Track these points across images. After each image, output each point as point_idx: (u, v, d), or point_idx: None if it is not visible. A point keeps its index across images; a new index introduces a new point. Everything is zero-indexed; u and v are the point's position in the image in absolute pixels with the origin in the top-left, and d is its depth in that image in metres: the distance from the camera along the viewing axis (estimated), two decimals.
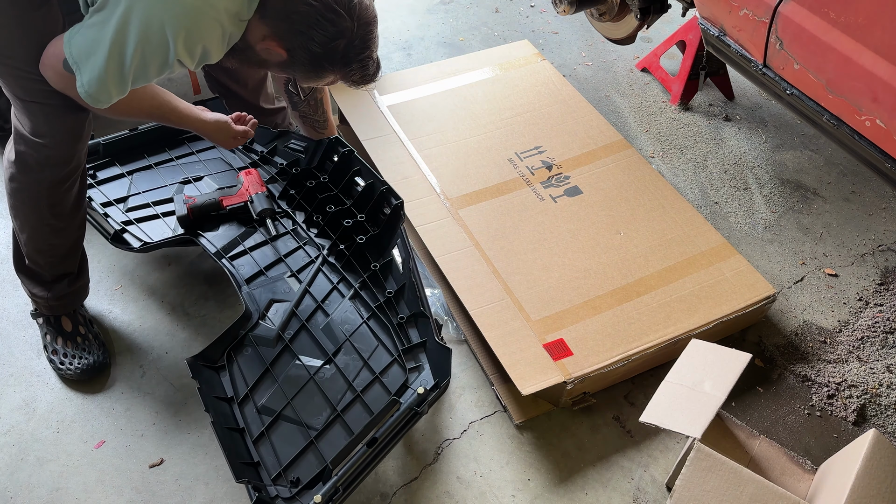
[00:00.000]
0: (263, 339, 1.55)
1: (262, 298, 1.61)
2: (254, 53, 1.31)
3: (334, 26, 1.25)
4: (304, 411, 1.44)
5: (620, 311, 1.69)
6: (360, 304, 1.62)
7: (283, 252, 1.71)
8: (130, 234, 1.73)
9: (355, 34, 1.28)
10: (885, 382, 1.71)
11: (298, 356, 1.52)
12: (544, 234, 1.85)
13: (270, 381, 1.49)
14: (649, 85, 2.56)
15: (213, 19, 1.18)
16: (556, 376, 1.55)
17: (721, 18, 1.83)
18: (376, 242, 1.69)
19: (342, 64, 1.31)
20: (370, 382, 1.49)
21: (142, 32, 1.15)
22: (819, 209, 2.14)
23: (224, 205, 1.75)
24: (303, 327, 1.57)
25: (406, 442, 1.58)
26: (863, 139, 1.55)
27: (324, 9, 1.23)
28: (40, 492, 1.48)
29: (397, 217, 1.66)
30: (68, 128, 1.39)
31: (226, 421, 1.42)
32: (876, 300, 1.89)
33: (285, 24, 1.25)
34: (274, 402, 1.46)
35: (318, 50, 1.27)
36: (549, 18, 2.88)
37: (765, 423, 1.64)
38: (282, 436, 1.42)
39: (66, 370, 1.63)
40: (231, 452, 1.34)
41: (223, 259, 1.68)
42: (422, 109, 2.19)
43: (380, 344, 1.55)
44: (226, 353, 1.53)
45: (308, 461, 1.38)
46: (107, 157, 1.90)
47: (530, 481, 1.53)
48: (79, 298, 1.69)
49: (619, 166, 2.04)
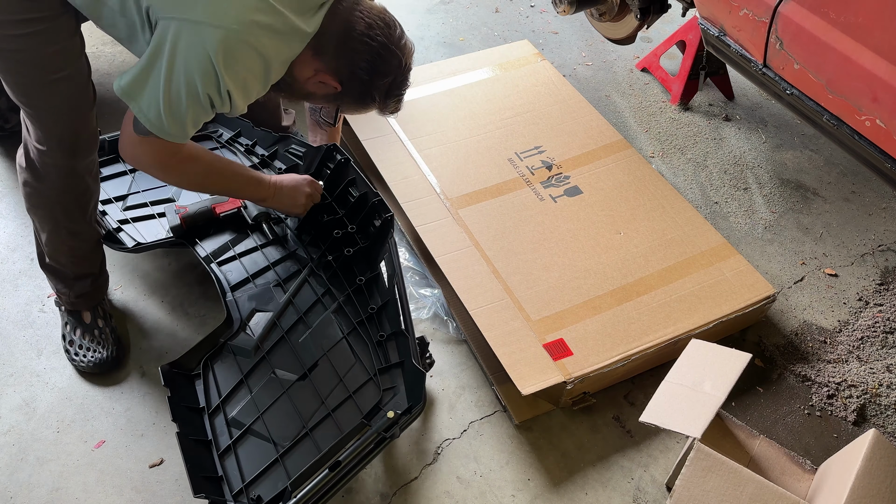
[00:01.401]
0: (242, 349, 1.52)
1: (246, 307, 1.59)
2: (300, 87, 1.38)
3: (388, 64, 1.35)
4: (275, 426, 1.41)
5: (620, 311, 1.69)
6: (342, 319, 1.57)
7: (272, 259, 1.69)
8: (126, 234, 1.73)
9: (402, 71, 1.38)
10: (885, 382, 1.71)
11: (275, 369, 1.49)
12: (544, 233, 1.85)
13: (244, 393, 1.46)
14: (649, 85, 2.56)
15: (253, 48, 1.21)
16: (556, 376, 1.55)
17: (721, 18, 1.83)
18: (365, 255, 1.65)
19: (386, 97, 1.40)
20: (343, 401, 1.44)
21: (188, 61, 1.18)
22: (819, 209, 2.15)
23: (217, 212, 1.73)
24: (282, 339, 1.54)
25: (406, 442, 1.58)
26: (863, 139, 1.55)
27: (380, 47, 1.32)
28: (40, 492, 1.48)
29: (386, 230, 1.62)
30: (63, 138, 1.39)
31: (194, 432, 1.39)
32: (876, 300, 1.89)
33: (344, 60, 1.32)
34: (245, 414, 1.43)
35: (368, 82, 1.35)
36: (549, 18, 2.88)
37: (765, 423, 1.64)
38: (249, 450, 1.39)
39: (78, 362, 1.65)
40: (194, 465, 1.31)
41: (212, 264, 1.66)
42: (422, 109, 2.19)
43: (357, 361, 1.50)
44: (203, 361, 1.51)
45: (273, 478, 1.35)
46: (111, 154, 1.90)
47: (530, 481, 1.53)
48: (99, 294, 1.71)
49: (619, 166, 2.04)
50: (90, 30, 1.51)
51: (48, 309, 1.78)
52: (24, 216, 1.98)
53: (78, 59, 1.35)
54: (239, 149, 1.92)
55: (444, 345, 1.76)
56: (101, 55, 2.50)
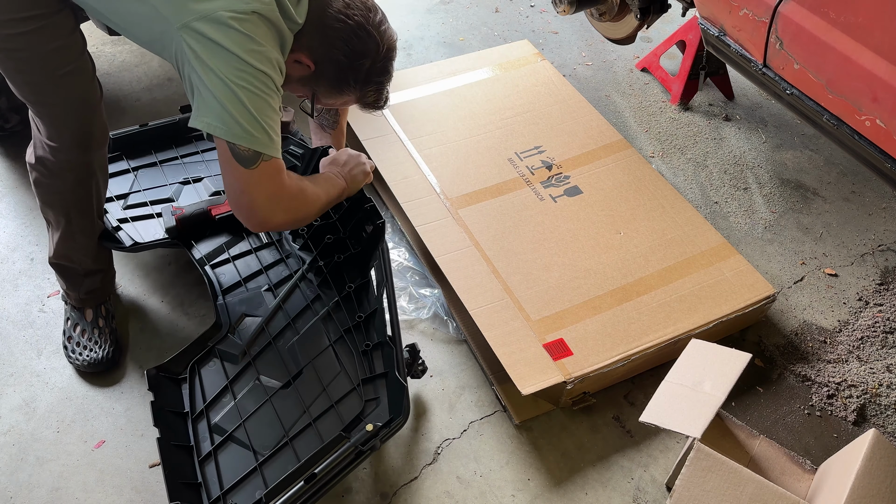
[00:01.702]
0: (229, 353, 1.52)
1: (236, 311, 1.59)
2: None
3: (364, 45, 1.31)
4: (256, 434, 1.40)
5: (620, 310, 1.69)
6: (329, 326, 1.56)
7: (265, 263, 1.69)
8: (124, 233, 1.73)
9: (380, 56, 1.34)
10: (885, 382, 1.71)
11: (260, 375, 1.49)
12: (544, 233, 1.85)
13: (229, 399, 1.46)
14: (649, 85, 2.56)
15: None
16: (556, 376, 1.55)
17: (721, 18, 1.83)
18: (356, 262, 1.64)
19: (363, 83, 1.36)
20: (326, 410, 1.43)
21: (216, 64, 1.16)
22: (819, 209, 2.14)
23: (213, 214, 1.72)
24: (270, 345, 1.53)
25: (406, 442, 1.58)
26: (863, 139, 1.55)
27: (357, 27, 1.29)
28: (40, 492, 1.48)
29: (377, 237, 1.60)
30: (75, 133, 1.41)
31: (177, 437, 1.39)
32: (876, 300, 1.89)
33: (318, 38, 1.29)
34: (227, 421, 1.42)
35: (345, 63, 1.32)
36: (549, 18, 2.88)
37: (765, 423, 1.64)
38: (229, 457, 1.38)
39: (74, 359, 1.66)
40: (174, 471, 1.31)
41: (206, 266, 1.66)
42: (422, 109, 2.19)
43: (342, 370, 1.49)
44: (190, 365, 1.50)
45: (251, 486, 1.34)
46: (116, 151, 1.91)
47: (530, 481, 1.53)
48: (106, 292, 1.72)
49: (619, 166, 2.04)
50: (90, 29, 1.51)
51: (48, 309, 1.78)
52: (25, 216, 1.98)
53: (81, 54, 1.36)
54: None
55: (444, 345, 1.76)
56: (102, 55, 2.51)
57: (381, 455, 1.55)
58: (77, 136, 1.41)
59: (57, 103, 1.36)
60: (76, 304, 1.68)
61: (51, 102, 1.36)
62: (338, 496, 1.48)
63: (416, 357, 1.59)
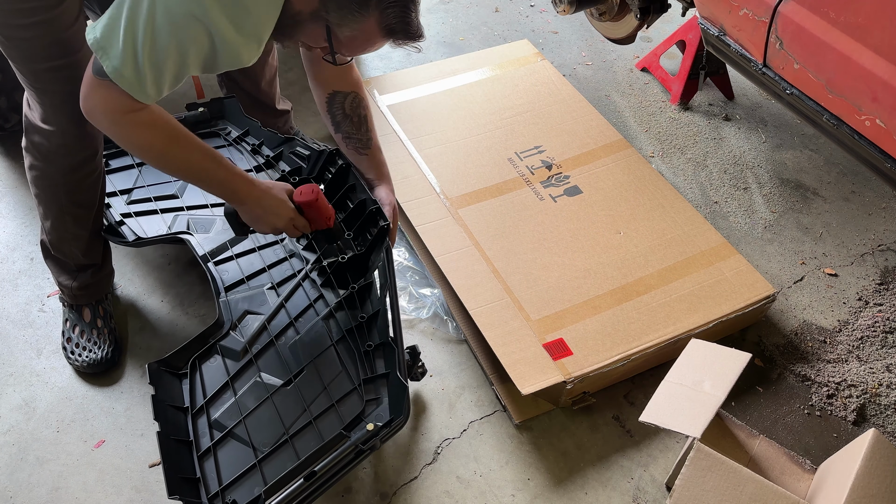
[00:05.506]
0: (230, 350, 1.52)
1: (238, 308, 1.58)
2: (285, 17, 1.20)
3: None
4: (256, 430, 1.40)
5: (620, 310, 1.69)
6: (332, 326, 1.56)
7: (268, 262, 1.68)
8: (127, 227, 1.73)
9: None
10: (884, 382, 1.71)
11: (261, 372, 1.49)
12: (544, 233, 1.85)
13: (229, 395, 1.46)
14: (649, 85, 2.56)
15: None
16: (556, 376, 1.55)
17: (721, 18, 1.83)
18: (359, 263, 1.63)
19: (378, 2, 1.17)
20: (326, 409, 1.43)
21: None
22: (819, 209, 2.15)
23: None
24: (271, 343, 1.53)
25: (406, 442, 1.58)
26: (863, 139, 1.55)
27: None
28: (40, 491, 1.48)
29: (381, 239, 1.59)
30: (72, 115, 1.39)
31: (176, 432, 1.39)
32: (876, 300, 1.89)
33: None
34: (227, 417, 1.42)
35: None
36: (549, 18, 2.88)
37: (764, 423, 1.64)
38: (228, 453, 1.38)
39: (73, 360, 1.65)
40: (173, 466, 1.31)
41: (209, 263, 1.66)
42: (422, 109, 2.19)
43: (343, 370, 1.48)
44: (191, 360, 1.50)
45: (250, 483, 1.33)
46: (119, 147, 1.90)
47: (530, 481, 1.53)
48: (102, 289, 1.71)
49: (619, 166, 2.04)
50: None
51: (48, 309, 1.78)
52: (25, 216, 1.98)
53: (84, 44, 1.35)
54: (245, 148, 1.92)
55: (444, 344, 1.76)
56: None
57: (380, 455, 1.55)
58: (74, 122, 1.40)
59: (57, 91, 1.36)
60: (72, 302, 1.68)
61: (52, 90, 1.36)
62: (337, 496, 1.48)
63: (417, 359, 1.59)
